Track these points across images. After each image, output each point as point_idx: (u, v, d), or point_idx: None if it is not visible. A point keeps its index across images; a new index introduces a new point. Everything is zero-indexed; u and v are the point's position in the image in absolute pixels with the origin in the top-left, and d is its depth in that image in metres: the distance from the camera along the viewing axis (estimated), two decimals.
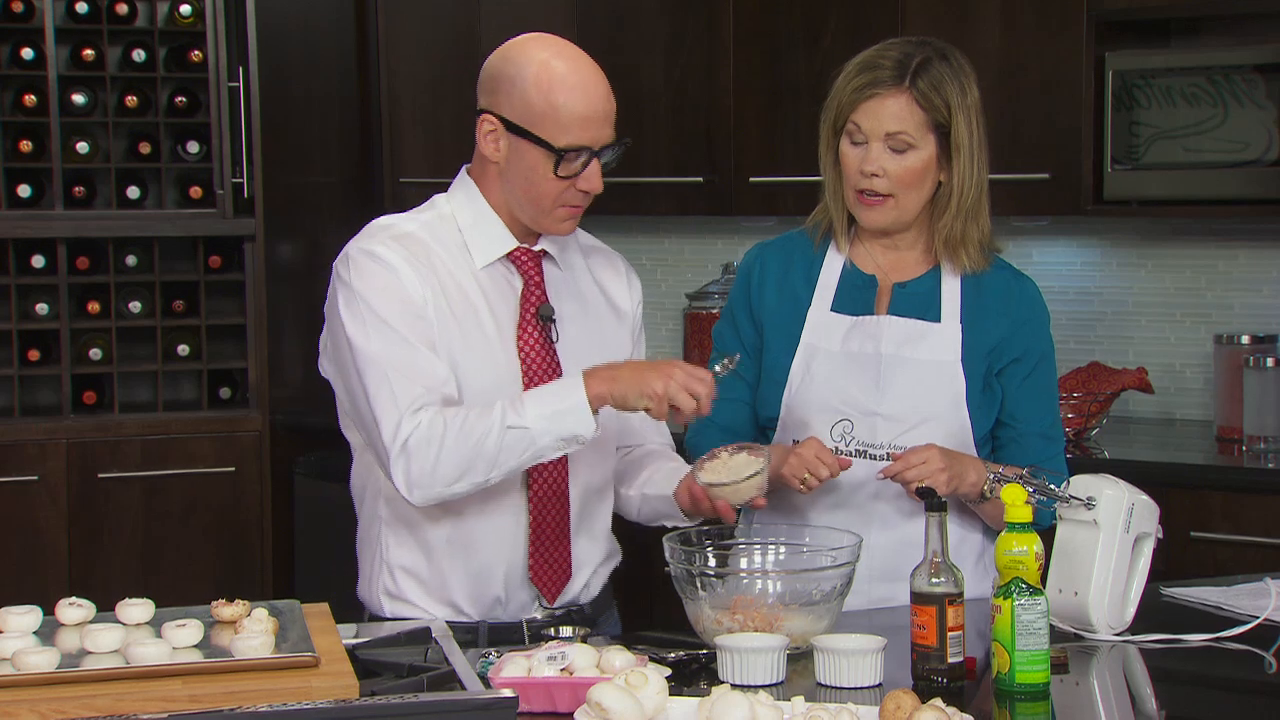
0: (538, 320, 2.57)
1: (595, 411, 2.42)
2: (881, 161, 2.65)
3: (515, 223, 2.58)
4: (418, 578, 2.59)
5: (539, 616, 2.60)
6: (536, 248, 2.60)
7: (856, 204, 2.70)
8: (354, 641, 2.29)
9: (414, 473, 2.44)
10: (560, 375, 2.56)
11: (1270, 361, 3.96)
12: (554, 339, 2.58)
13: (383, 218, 2.61)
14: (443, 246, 2.55)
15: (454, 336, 2.51)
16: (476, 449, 2.42)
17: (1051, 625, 2.27)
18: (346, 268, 2.52)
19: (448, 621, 2.49)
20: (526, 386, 2.54)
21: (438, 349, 2.49)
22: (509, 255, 2.58)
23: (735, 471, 2.51)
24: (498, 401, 2.45)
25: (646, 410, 2.43)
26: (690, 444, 2.80)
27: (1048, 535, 2.46)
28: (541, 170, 2.49)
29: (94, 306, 4.76)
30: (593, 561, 2.67)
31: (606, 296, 2.71)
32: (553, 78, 2.47)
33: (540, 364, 2.56)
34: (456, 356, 2.51)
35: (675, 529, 2.55)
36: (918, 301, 2.74)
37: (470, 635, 2.54)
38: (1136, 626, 2.53)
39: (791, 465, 2.59)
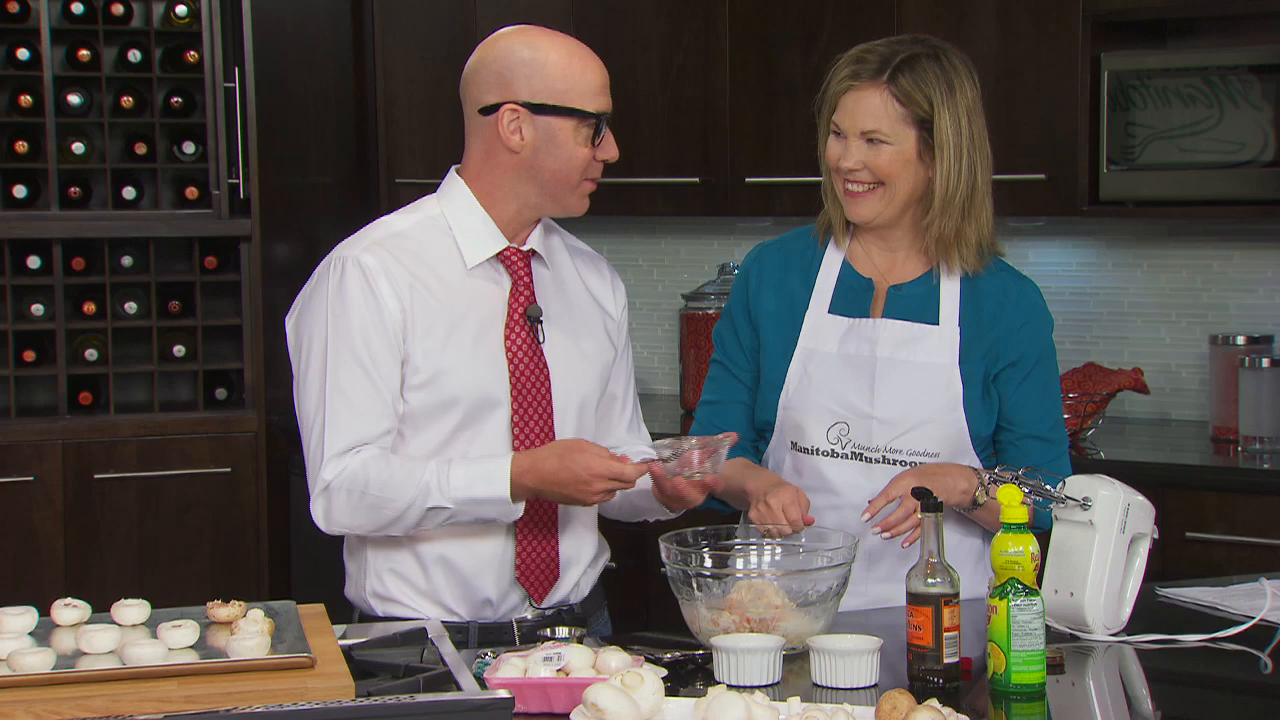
0: (525, 320, 2.58)
1: (519, 500, 2.49)
2: (859, 156, 2.66)
3: (507, 222, 2.59)
4: (406, 579, 2.60)
5: (529, 617, 2.61)
6: (525, 247, 2.61)
7: (844, 197, 2.71)
8: (350, 642, 2.29)
9: (333, 514, 2.52)
10: (547, 376, 2.58)
11: (1265, 362, 3.96)
12: (540, 339, 2.59)
13: (380, 219, 2.63)
14: (432, 247, 2.57)
15: (440, 338, 2.52)
16: (394, 516, 2.50)
17: (1047, 626, 2.28)
18: (329, 271, 2.56)
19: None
20: (514, 387, 2.55)
21: (417, 358, 2.51)
22: (498, 255, 2.59)
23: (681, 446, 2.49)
24: (429, 464, 2.49)
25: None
26: None
27: (1043, 536, 2.47)
28: (574, 141, 2.53)
29: (90, 307, 4.74)
30: (582, 561, 2.67)
31: (594, 299, 2.72)
32: (569, 51, 2.55)
33: (527, 364, 2.57)
34: (442, 358, 2.52)
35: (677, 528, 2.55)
36: (914, 304, 2.74)
37: (460, 635, 2.54)
38: (1132, 627, 2.53)
39: (760, 513, 2.57)
